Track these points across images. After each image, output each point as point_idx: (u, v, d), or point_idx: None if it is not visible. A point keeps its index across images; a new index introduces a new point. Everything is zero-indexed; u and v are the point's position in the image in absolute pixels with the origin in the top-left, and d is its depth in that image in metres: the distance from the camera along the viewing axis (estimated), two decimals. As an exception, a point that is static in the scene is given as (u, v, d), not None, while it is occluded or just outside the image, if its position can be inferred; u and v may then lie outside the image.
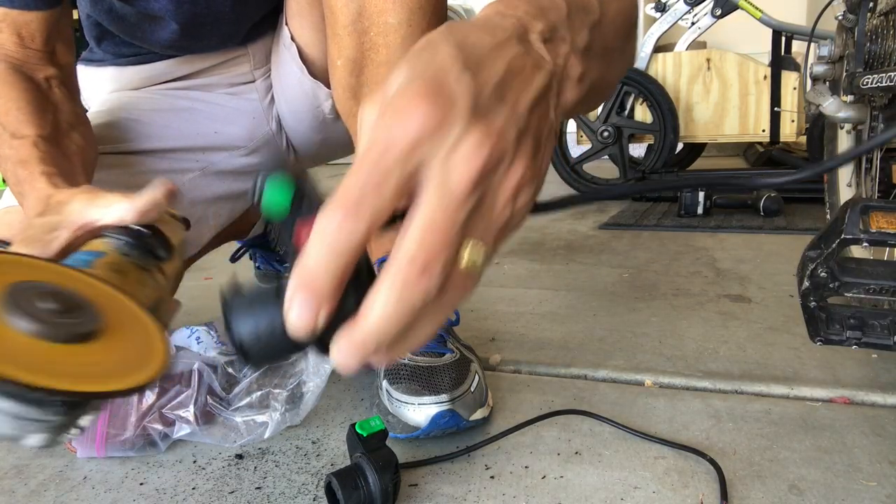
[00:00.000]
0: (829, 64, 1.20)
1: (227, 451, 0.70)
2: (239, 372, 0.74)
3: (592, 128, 2.48)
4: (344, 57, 0.67)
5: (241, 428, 0.70)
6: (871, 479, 0.60)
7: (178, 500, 0.62)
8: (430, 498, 0.60)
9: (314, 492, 0.62)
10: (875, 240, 0.54)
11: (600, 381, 0.85)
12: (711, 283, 1.28)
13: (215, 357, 0.74)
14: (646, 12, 3.63)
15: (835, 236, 0.55)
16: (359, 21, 0.64)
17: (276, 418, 0.70)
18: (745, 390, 0.80)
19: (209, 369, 0.71)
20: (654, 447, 0.67)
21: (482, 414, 0.70)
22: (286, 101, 0.90)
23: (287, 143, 0.95)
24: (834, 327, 0.60)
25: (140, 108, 0.86)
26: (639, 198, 2.33)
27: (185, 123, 0.87)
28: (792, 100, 2.36)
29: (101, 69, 0.89)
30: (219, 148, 0.89)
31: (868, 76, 0.99)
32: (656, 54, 2.50)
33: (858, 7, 1.06)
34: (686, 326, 1.03)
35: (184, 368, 0.71)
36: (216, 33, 0.83)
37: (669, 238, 1.73)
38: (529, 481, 0.62)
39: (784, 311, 1.08)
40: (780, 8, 2.60)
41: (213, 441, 0.70)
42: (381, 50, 0.65)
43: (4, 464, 0.70)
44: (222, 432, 0.70)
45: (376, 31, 0.64)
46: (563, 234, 1.82)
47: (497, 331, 1.04)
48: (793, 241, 1.64)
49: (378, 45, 0.65)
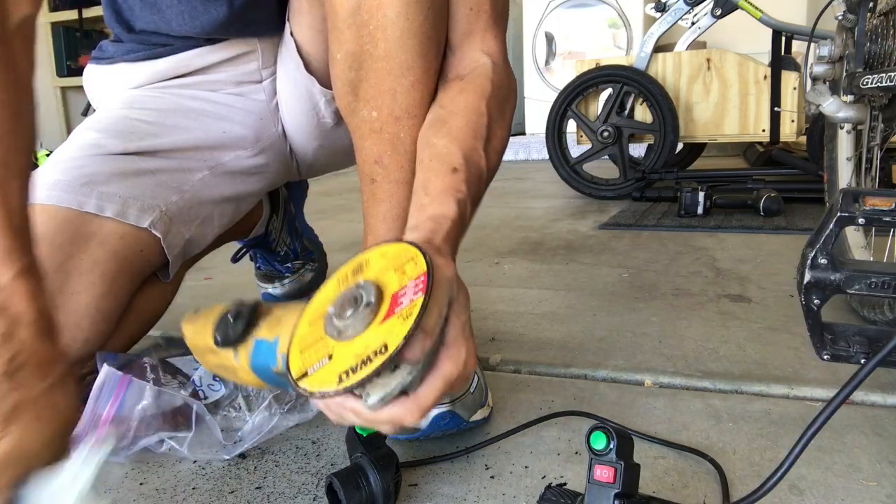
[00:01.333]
0: (829, 64, 1.20)
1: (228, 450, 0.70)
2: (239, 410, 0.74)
3: (592, 128, 2.48)
4: (343, 51, 0.67)
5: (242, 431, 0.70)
6: (871, 479, 0.60)
7: (178, 500, 0.62)
8: (430, 498, 0.60)
9: (314, 492, 0.62)
10: (870, 217, 0.54)
11: (600, 381, 0.85)
12: (711, 283, 1.28)
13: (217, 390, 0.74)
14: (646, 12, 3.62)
15: (831, 218, 0.55)
16: (358, 14, 0.64)
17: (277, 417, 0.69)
18: (745, 390, 0.80)
19: (210, 416, 0.69)
20: (654, 447, 0.67)
21: (482, 415, 0.70)
22: (286, 102, 0.90)
23: (290, 149, 0.95)
24: (840, 344, 0.59)
25: (148, 108, 0.86)
26: (639, 198, 2.33)
27: (194, 123, 0.87)
28: (792, 100, 2.36)
29: (112, 66, 0.89)
30: (227, 147, 0.89)
31: (868, 76, 0.99)
32: (656, 54, 2.50)
33: (858, 7, 1.06)
34: (686, 326, 1.03)
35: (183, 404, 0.70)
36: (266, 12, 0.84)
37: (669, 238, 1.73)
38: (529, 481, 0.62)
39: (784, 311, 1.08)
40: (780, 8, 2.61)
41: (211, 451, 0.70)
42: (379, 43, 0.65)
43: (4, 464, 0.70)
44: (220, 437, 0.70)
45: (375, 24, 0.64)
46: (563, 234, 1.82)
47: (497, 331, 1.05)
48: (793, 241, 1.64)
49: (377, 38, 0.65)
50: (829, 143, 1.25)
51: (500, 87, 0.69)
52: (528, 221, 2.05)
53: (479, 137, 0.64)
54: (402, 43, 0.65)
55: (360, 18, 0.64)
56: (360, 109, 0.69)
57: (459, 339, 0.45)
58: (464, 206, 0.57)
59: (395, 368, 0.41)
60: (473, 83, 0.68)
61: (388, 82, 0.66)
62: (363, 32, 0.65)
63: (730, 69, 2.43)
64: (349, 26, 0.65)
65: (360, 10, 0.64)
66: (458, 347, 0.45)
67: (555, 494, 0.51)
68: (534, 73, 4.35)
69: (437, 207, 0.55)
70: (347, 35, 0.66)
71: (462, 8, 0.69)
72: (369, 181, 0.73)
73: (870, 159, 1.13)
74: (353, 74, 0.68)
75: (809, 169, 2.25)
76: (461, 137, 0.63)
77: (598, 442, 0.46)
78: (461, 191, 0.57)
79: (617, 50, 4.02)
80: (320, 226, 1.39)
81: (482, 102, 0.66)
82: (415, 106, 0.68)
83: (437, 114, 0.67)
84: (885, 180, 1.77)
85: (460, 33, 0.70)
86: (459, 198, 0.57)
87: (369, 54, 0.66)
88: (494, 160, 0.67)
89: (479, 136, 0.64)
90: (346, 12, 0.65)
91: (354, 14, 0.65)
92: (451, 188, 0.57)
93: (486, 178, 0.65)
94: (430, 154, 0.63)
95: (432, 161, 0.61)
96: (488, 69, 0.69)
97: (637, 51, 2.53)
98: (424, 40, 0.65)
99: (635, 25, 3.99)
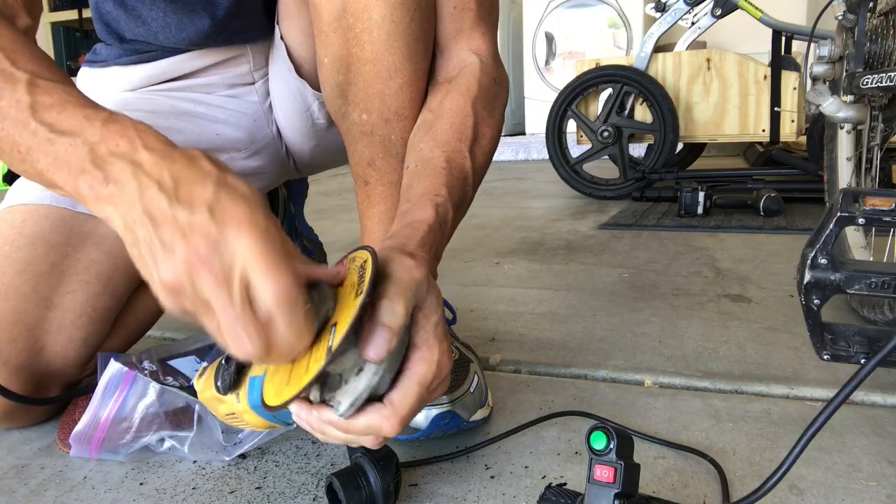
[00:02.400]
0: (829, 64, 1.20)
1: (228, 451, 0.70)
2: None
3: (592, 128, 2.48)
4: (331, 55, 0.67)
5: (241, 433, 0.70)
6: (871, 479, 0.60)
7: (178, 500, 0.62)
8: (430, 498, 0.60)
9: (314, 492, 0.62)
10: (870, 217, 0.54)
11: (600, 381, 0.85)
12: (711, 283, 1.28)
13: None
14: (646, 12, 3.62)
15: (831, 218, 0.55)
16: (343, 17, 0.64)
17: None
18: (745, 390, 0.80)
19: (211, 416, 0.69)
20: (654, 447, 0.67)
21: (482, 415, 0.70)
22: (279, 103, 0.90)
23: (286, 148, 0.95)
24: (840, 344, 0.59)
25: (142, 110, 0.86)
26: (639, 198, 2.33)
27: (188, 125, 0.87)
28: (792, 100, 2.36)
29: (105, 70, 0.89)
30: (220, 150, 0.89)
31: (868, 76, 0.99)
32: (656, 54, 2.50)
33: (858, 7, 1.06)
34: (686, 326, 1.03)
35: (184, 403, 0.70)
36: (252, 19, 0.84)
37: (669, 238, 1.73)
38: (529, 481, 0.62)
39: (784, 311, 1.08)
40: (780, 8, 2.61)
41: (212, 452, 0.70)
42: (366, 46, 0.65)
43: (4, 464, 0.70)
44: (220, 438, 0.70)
45: (361, 27, 0.64)
46: (563, 234, 1.82)
47: (497, 331, 1.04)
48: (793, 241, 1.64)
49: (363, 41, 0.65)
50: (829, 143, 1.25)
51: (488, 86, 0.69)
52: (528, 221, 2.05)
53: (463, 139, 0.64)
54: (388, 45, 0.65)
55: (346, 22, 0.64)
56: (350, 113, 0.69)
57: (431, 339, 0.45)
58: (444, 210, 0.57)
59: (360, 371, 0.41)
60: (460, 85, 0.68)
61: (376, 85, 0.66)
62: (349, 36, 0.65)
63: (730, 69, 2.43)
64: (335, 30, 0.65)
65: (346, 14, 0.64)
66: (429, 348, 0.44)
67: (555, 494, 0.51)
68: (534, 73, 4.35)
69: (415, 213, 0.56)
70: (333, 39, 0.66)
71: (447, 8, 0.69)
72: (363, 183, 0.73)
73: (870, 159, 1.13)
74: (342, 78, 0.68)
75: (809, 169, 2.25)
76: (444, 141, 0.64)
77: (598, 442, 0.46)
78: (441, 195, 0.58)
79: (617, 50, 4.03)
80: (320, 226, 1.39)
81: (468, 104, 0.66)
82: (404, 108, 0.68)
83: (425, 118, 0.67)
84: (885, 180, 1.77)
85: (447, 33, 0.70)
86: (439, 202, 0.57)
87: (356, 57, 0.66)
88: (482, 161, 0.67)
89: (463, 139, 0.64)
90: (331, 16, 0.65)
91: (339, 18, 0.64)
92: (430, 192, 0.58)
93: (473, 180, 0.65)
94: (415, 159, 0.63)
95: (417, 166, 0.62)
96: (476, 69, 0.69)
97: (637, 51, 2.53)
98: (411, 42, 0.65)
99: (635, 25, 3.99)
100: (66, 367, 0.75)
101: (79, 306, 0.75)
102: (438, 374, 0.45)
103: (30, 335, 0.72)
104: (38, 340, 0.73)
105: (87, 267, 0.76)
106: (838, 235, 0.56)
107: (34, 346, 0.73)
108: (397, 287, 0.43)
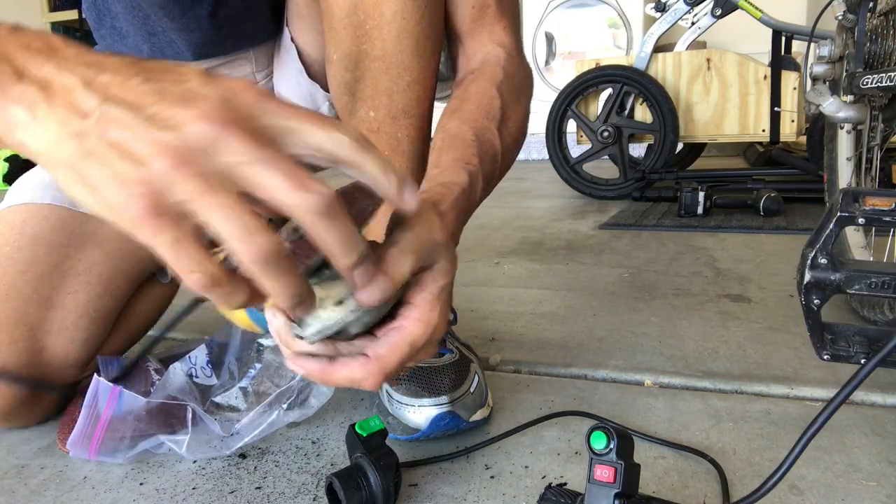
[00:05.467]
0: (829, 64, 1.20)
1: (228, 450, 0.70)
2: None
3: (592, 128, 2.48)
4: (340, 51, 0.67)
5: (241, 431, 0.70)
6: (871, 479, 0.60)
7: (178, 500, 0.62)
8: (430, 498, 0.60)
9: (314, 492, 0.62)
10: (870, 217, 0.54)
11: (600, 381, 0.85)
12: (711, 283, 1.28)
13: None
14: (646, 12, 3.62)
15: (831, 218, 0.55)
16: (354, 14, 0.64)
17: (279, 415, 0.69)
18: (745, 390, 0.80)
19: (208, 416, 0.69)
20: (654, 447, 0.67)
21: (482, 415, 0.70)
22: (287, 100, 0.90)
23: None
24: (840, 344, 0.59)
25: None
26: (639, 198, 2.33)
27: None
28: (792, 100, 2.36)
29: None
30: None
31: (868, 76, 0.99)
32: (656, 54, 2.50)
33: (858, 7, 1.06)
34: (686, 326, 1.03)
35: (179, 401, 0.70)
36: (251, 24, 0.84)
37: (669, 238, 1.73)
38: (529, 481, 0.62)
39: (784, 311, 1.08)
40: (780, 8, 2.61)
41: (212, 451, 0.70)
42: (375, 42, 0.65)
43: (4, 464, 0.70)
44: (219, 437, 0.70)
45: (371, 23, 0.64)
46: (563, 234, 1.82)
47: (497, 331, 1.04)
48: (793, 241, 1.64)
49: (373, 37, 0.64)
50: (829, 143, 1.25)
51: (513, 74, 0.68)
52: (528, 221, 2.05)
53: (491, 118, 0.63)
54: (398, 42, 0.65)
55: (357, 18, 0.64)
56: (358, 110, 0.69)
57: (434, 302, 0.43)
58: (475, 178, 0.55)
59: (340, 304, 0.40)
60: (485, 72, 0.67)
61: (384, 82, 0.66)
62: (360, 32, 0.65)
63: (730, 69, 2.43)
64: (345, 26, 0.65)
65: (357, 10, 0.64)
66: (429, 309, 0.43)
67: (555, 494, 0.52)
68: (534, 72, 4.35)
69: (447, 176, 0.54)
70: (343, 35, 0.66)
71: (465, 6, 0.69)
72: None
73: (870, 159, 1.13)
74: (350, 75, 0.68)
75: (809, 169, 2.25)
76: (472, 118, 0.62)
77: (598, 442, 0.46)
78: (472, 163, 0.56)
79: (617, 50, 4.02)
80: (320, 226, 1.39)
81: (493, 88, 0.65)
82: (412, 106, 0.68)
83: (451, 105, 0.66)
84: (885, 180, 1.77)
85: (468, 29, 0.70)
86: (471, 170, 0.55)
87: (366, 54, 0.66)
88: (509, 142, 0.65)
89: (491, 117, 0.63)
90: (343, 12, 0.65)
91: (351, 14, 0.64)
92: (462, 160, 0.56)
93: (502, 160, 0.63)
94: (442, 136, 0.62)
95: (444, 141, 0.60)
96: (500, 58, 0.68)
97: (637, 51, 2.53)
98: (421, 39, 0.65)
99: (635, 25, 3.99)
100: (66, 368, 0.75)
101: (80, 307, 0.75)
102: (431, 338, 0.43)
103: (31, 336, 0.73)
104: (39, 341, 0.73)
105: (89, 268, 0.76)
106: (838, 235, 0.56)
107: (35, 347, 0.73)
108: (412, 242, 0.41)
